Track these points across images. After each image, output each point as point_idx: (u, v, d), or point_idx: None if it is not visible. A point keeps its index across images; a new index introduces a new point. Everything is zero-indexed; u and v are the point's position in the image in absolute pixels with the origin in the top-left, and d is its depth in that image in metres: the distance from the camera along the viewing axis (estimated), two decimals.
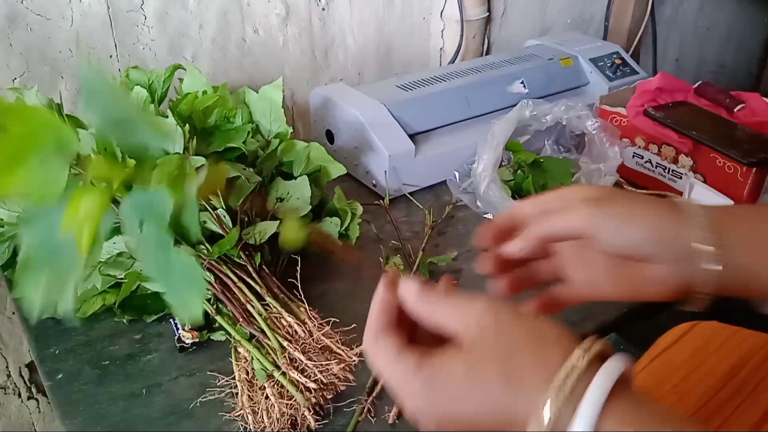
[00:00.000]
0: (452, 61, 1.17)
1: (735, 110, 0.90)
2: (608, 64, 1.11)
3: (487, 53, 1.25)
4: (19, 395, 1.03)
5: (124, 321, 0.66)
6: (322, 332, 0.58)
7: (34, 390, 1.04)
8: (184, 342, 0.63)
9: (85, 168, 0.64)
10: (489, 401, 0.33)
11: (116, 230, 0.65)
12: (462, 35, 1.15)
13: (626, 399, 0.30)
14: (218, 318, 0.61)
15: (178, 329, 0.64)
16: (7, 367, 0.99)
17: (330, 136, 0.96)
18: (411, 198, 0.90)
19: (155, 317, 0.66)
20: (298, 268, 0.66)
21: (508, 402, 0.32)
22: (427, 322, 0.37)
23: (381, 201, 0.87)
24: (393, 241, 0.81)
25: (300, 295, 0.64)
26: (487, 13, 1.19)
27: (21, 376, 1.02)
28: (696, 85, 0.94)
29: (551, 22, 1.34)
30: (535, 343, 0.33)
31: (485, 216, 0.84)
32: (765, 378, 0.54)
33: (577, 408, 0.30)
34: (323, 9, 1.03)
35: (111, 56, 0.87)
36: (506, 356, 0.33)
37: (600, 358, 0.31)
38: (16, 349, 0.99)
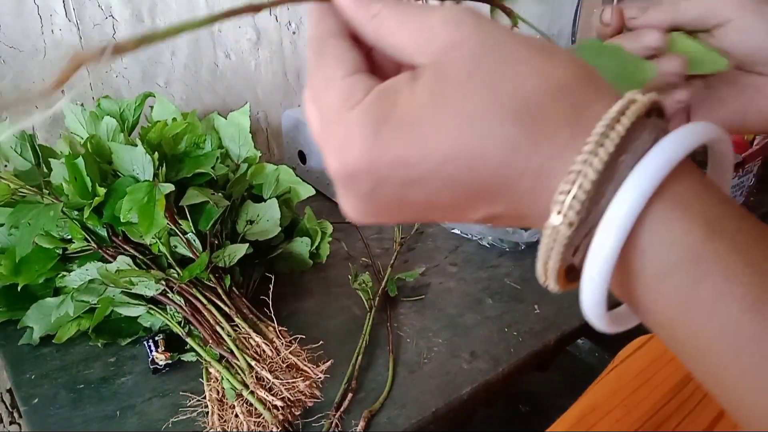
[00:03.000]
0: None
1: None
2: None
3: None
4: (1, 420, 1.04)
5: (99, 345, 0.67)
6: (289, 350, 0.60)
7: (16, 415, 1.05)
8: (157, 364, 0.64)
9: (57, 197, 0.66)
10: (465, 142, 0.22)
11: (88, 257, 0.67)
12: None
13: (692, 175, 0.22)
14: (189, 340, 0.63)
15: (151, 351, 0.65)
16: None
17: (302, 156, 0.98)
18: None
19: (129, 340, 0.68)
20: (271, 286, 0.69)
21: (500, 149, 0.22)
22: (375, 43, 0.26)
23: None
24: (363, 258, 0.83)
25: (270, 314, 0.66)
26: None
27: (2, 401, 1.03)
28: None
29: None
30: (551, 80, 0.23)
31: (452, 231, 0.87)
32: None
33: (625, 171, 0.21)
34: (294, 33, 1.06)
35: (84, 85, 0.89)
36: (506, 88, 0.22)
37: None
38: None
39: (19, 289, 0.66)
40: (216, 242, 0.69)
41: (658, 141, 0.21)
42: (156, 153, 0.67)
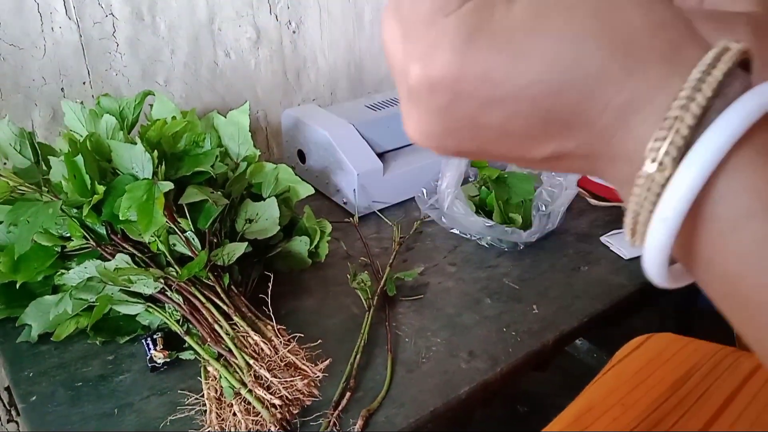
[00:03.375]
0: None
1: None
2: None
3: None
4: None
5: (97, 342, 0.67)
6: (288, 349, 0.60)
7: (14, 413, 1.05)
8: (155, 362, 0.64)
9: (57, 195, 0.66)
10: (557, 65, 0.22)
11: (87, 255, 0.67)
12: None
13: None
14: (188, 338, 0.63)
15: (150, 349, 0.65)
16: None
17: (301, 155, 0.98)
18: (380, 215, 0.92)
19: (128, 338, 0.68)
20: (270, 285, 0.69)
21: (591, 77, 0.21)
22: None
23: (351, 218, 0.90)
24: (362, 258, 0.83)
25: (269, 312, 0.66)
26: None
27: (0, 399, 1.03)
28: None
29: None
30: (651, 18, 0.22)
31: (451, 231, 0.87)
32: (710, 388, 0.56)
33: (715, 113, 0.20)
34: (294, 32, 1.06)
35: (84, 83, 0.89)
36: (608, 14, 0.22)
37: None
38: None
39: (17, 286, 0.66)
40: (215, 241, 0.69)
41: (747, 89, 0.21)
42: (155, 151, 0.67)
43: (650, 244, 0.22)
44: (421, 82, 0.23)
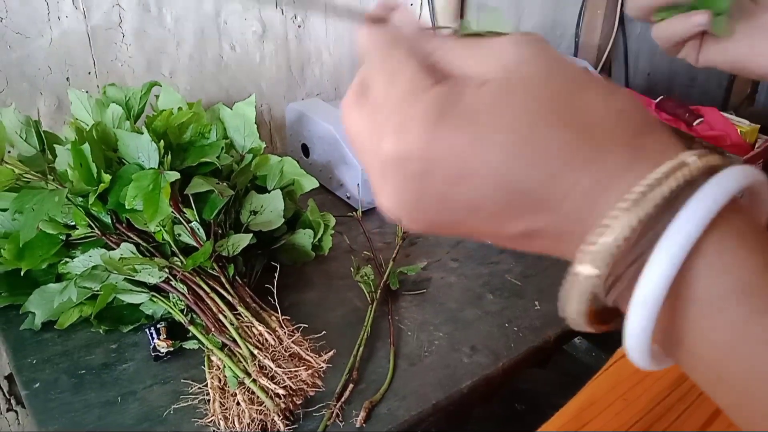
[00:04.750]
0: None
1: (694, 124, 0.94)
2: None
3: None
4: None
5: (101, 331, 0.67)
6: (292, 340, 0.60)
7: (13, 402, 1.05)
8: (159, 351, 0.64)
9: (62, 183, 0.66)
10: (524, 146, 0.22)
11: (91, 244, 0.67)
12: None
13: (742, 212, 0.22)
14: (191, 328, 0.63)
15: (153, 338, 0.65)
16: None
17: (305, 149, 0.98)
18: None
19: (131, 327, 0.68)
20: (276, 276, 0.69)
21: (556, 160, 0.22)
22: (435, 57, 0.27)
23: (354, 213, 0.90)
24: (365, 252, 0.84)
25: (274, 303, 0.66)
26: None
27: (0, 388, 1.03)
28: (657, 100, 0.98)
29: None
30: (613, 105, 0.23)
31: None
32: None
33: (671, 215, 0.21)
34: (299, 26, 1.06)
35: (89, 73, 0.89)
36: (570, 101, 0.23)
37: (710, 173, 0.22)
38: None
39: (22, 274, 0.66)
40: (220, 231, 0.69)
41: (714, 175, 0.21)
42: (162, 141, 0.67)
43: (631, 328, 0.22)
44: (393, 154, 0.24)
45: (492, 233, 0.25)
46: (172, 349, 0.64)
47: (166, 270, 0.65)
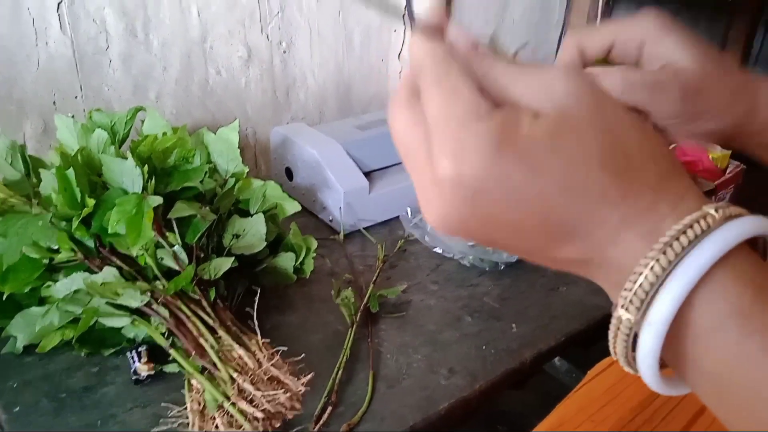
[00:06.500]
0: None
1: None
2: None
3: None
4: None
5: (82, 354, 0.68)
6: (271, 363, 0.61)
7: None
8: (139, 375, 0.65)
9: (46, 207, 0.67)
10: (569, 181, 0.25)
11: (74, 268, 0.68)
12: None
13: (744, 249, 0.26)
14: (172, 351, 0.64)
15: (134, 362, 0.66)
16: None
17: (289, 173, 1.00)
18: (365, 233, 0.94)
19: (113, 350, 0.68)
20: (256, 300, 0.70)
21: (594, 195, 0.26)
22: (488, 79, 0.29)
23: (337, 236, 0.91)
24: (347, 274, 0.85)
25: (254, 326, 0.67)
26: None
27: None
28: None
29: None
30: (647, 150, 0.27)
31: (434, 249, 0.89)
32: (679, 404, 0.58)
33: (684, 257, 0.25)
34: (284, 51, 1.08)
35: (76, 97, 0.90)
36: (611, 144, 0.26)
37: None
38: None
39: (4, 297, 0.66)
40: (202, 255, 0.70)
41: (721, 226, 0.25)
42: (146, 166, 0.68)
43: (641, 349, 0.26)
44: (449, 177, 0.26)
45: (525, 251, 0.29)
46: (152, 372, 0.65)
47: (148, 294, 0.66)
